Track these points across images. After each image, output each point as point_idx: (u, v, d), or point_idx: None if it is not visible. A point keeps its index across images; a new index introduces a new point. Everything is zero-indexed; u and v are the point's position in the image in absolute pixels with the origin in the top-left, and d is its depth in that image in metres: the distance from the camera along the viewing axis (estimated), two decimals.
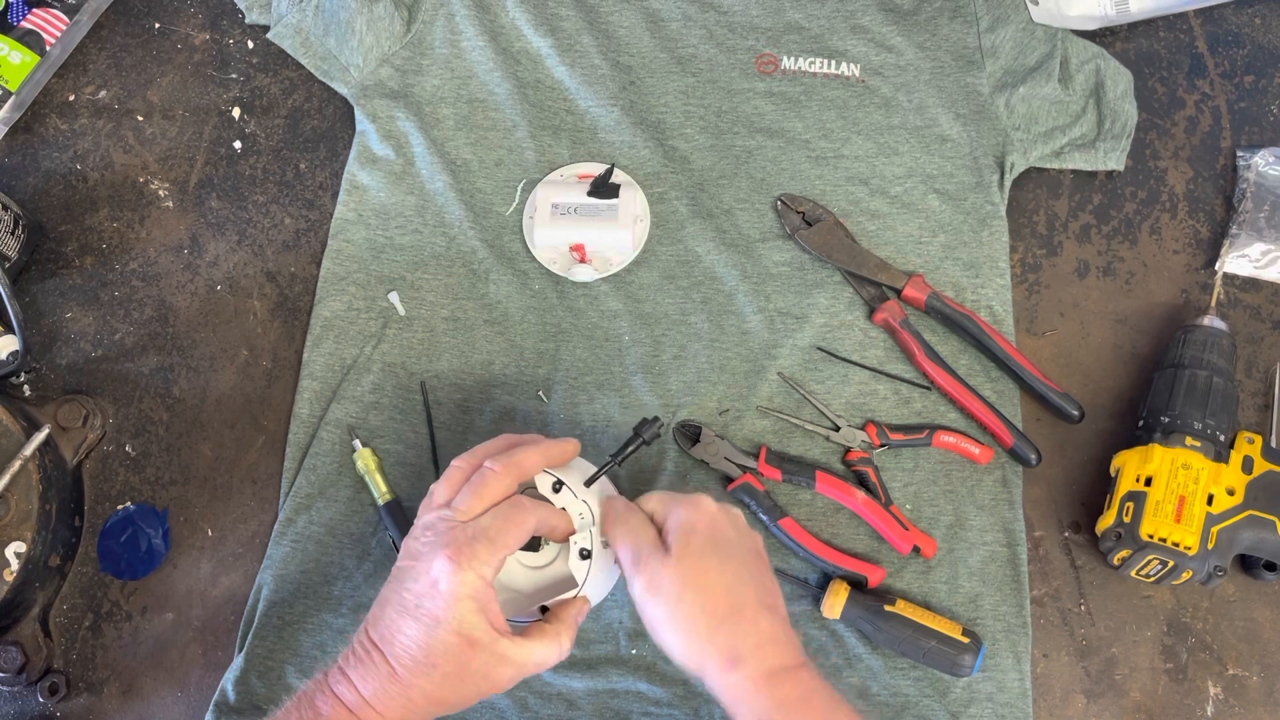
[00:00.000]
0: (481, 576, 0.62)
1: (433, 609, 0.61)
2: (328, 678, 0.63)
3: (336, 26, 0.94)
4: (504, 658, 0.63)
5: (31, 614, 0.83)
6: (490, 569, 0.62)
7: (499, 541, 0.63)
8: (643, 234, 0.91)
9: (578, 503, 0.71)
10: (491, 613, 0.63)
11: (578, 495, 0.70)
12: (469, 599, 0.61)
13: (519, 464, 0.68)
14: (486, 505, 0.65)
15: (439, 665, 0.61)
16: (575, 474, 0.72)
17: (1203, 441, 0.81)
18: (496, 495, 0.66)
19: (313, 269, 0.92)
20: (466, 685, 0.62)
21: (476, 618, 0.62)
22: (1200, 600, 0.84)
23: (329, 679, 0.63)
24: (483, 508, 0.65)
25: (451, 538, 0.63)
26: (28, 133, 0.97)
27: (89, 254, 0.94)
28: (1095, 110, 0.94)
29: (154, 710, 0.83)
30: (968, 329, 0.87)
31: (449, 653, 0.61)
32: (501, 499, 0.66)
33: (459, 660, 0.61)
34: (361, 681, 0.62)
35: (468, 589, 0.61)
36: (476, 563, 0.62)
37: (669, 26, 0.97)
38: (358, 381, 0.87)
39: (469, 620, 0.61)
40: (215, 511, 0.87)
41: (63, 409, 0.87)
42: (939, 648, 0.78)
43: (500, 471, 0.66)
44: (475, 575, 0.62)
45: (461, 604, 0.61)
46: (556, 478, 0.71)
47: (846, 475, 0.84)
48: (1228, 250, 0.91)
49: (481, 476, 0.66)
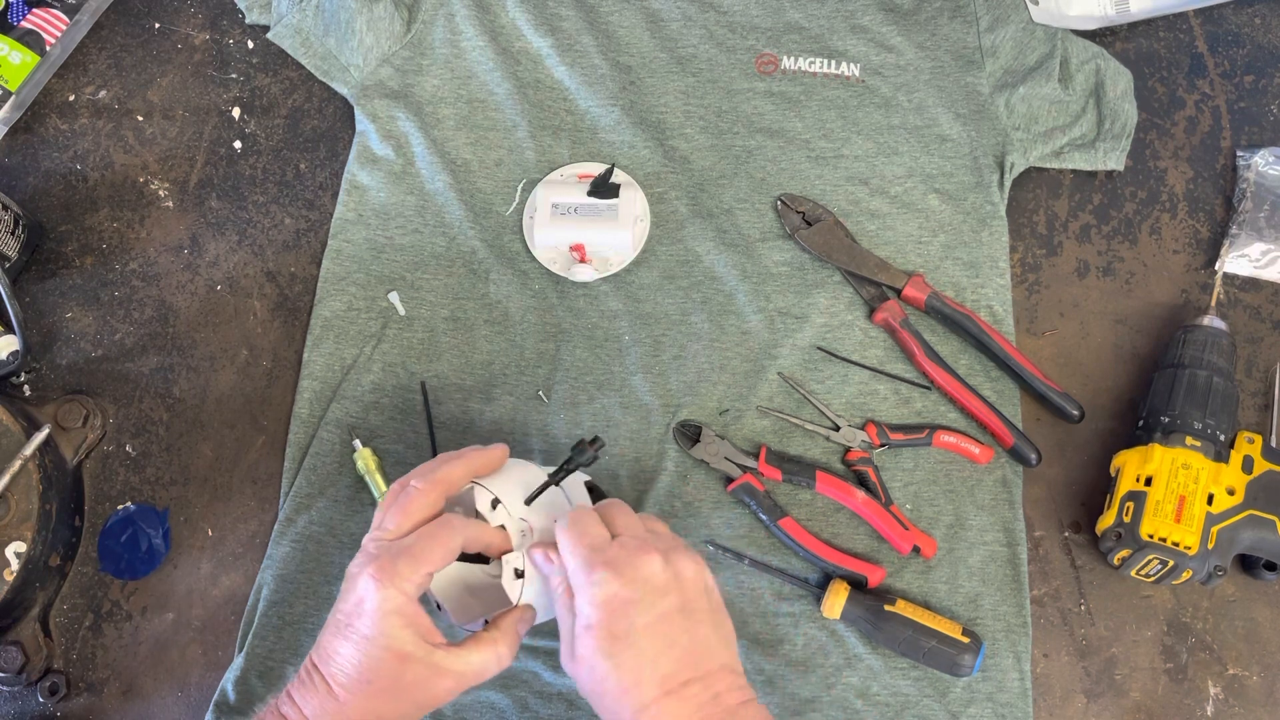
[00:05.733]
0: (404, 592, 0.63)
1: (361, 627, 0.63)
2: (278, 703, 0.65)
3: (336, 26, 0.94)
4: (439, 668, 0.63)
5: (31, 614, 0.83)
6: (413, 585, 0.63)
7: (422, 558, 0.64)
8: (643, 234, 0.91)
9: (515, 520, 0.69)
10: (421, 626, 0.63)
11: (513, 513, 0.69)
12: (394, 614, 0.62)
13: (443, 479, 0.68)
14: (414, 523, 0.66)
15: (373, 681, 0.62)
16: (518, 491, 0.70)
17: (1203, 441, 0.81)
18: (422, 512, 0.67)
19: (313, 269, 0.92)
20: (403, 699, 0.63)
21: (405, 632, 0.62)
22: (1200, 600, 0.84)
23: (279, 703, 0.65)
24: (410, 525, 0.66)
25: (375, 556, 0.64)
26: (28, 133, 0.97)
27: (89, 254, 0.94)
28: (1095, 110, 0.94)
29: (154, 710, 0.83)
30: (968, 329, 0.87)
31: (381, 668, 0.62)
32: (428, 516, 0.67)
33: (392, 675, 0.62)
34: (304, 703, 0.63)
35: (391, 604, 0.62)
36: (399, 579, 0.63)
37: (669, 26, 0.97)
38: (358, 381, 0.87)
39: (398, 635, 0.62)
40: (215, 511, 0.87)
41: (63, 409, 0.87)
42: (939, 648, 0.78)
43: (424, 488, 0.67)
44: (397, 591, 0.62)
45: (388, 620, 0.62)
46: (494, 495, 0.70)
47: (846, 475, 0.84)
48: (1228, 250, 0.91)
49: (407, 495, 0.67)
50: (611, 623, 0.62)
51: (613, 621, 0.62)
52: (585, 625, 0.63)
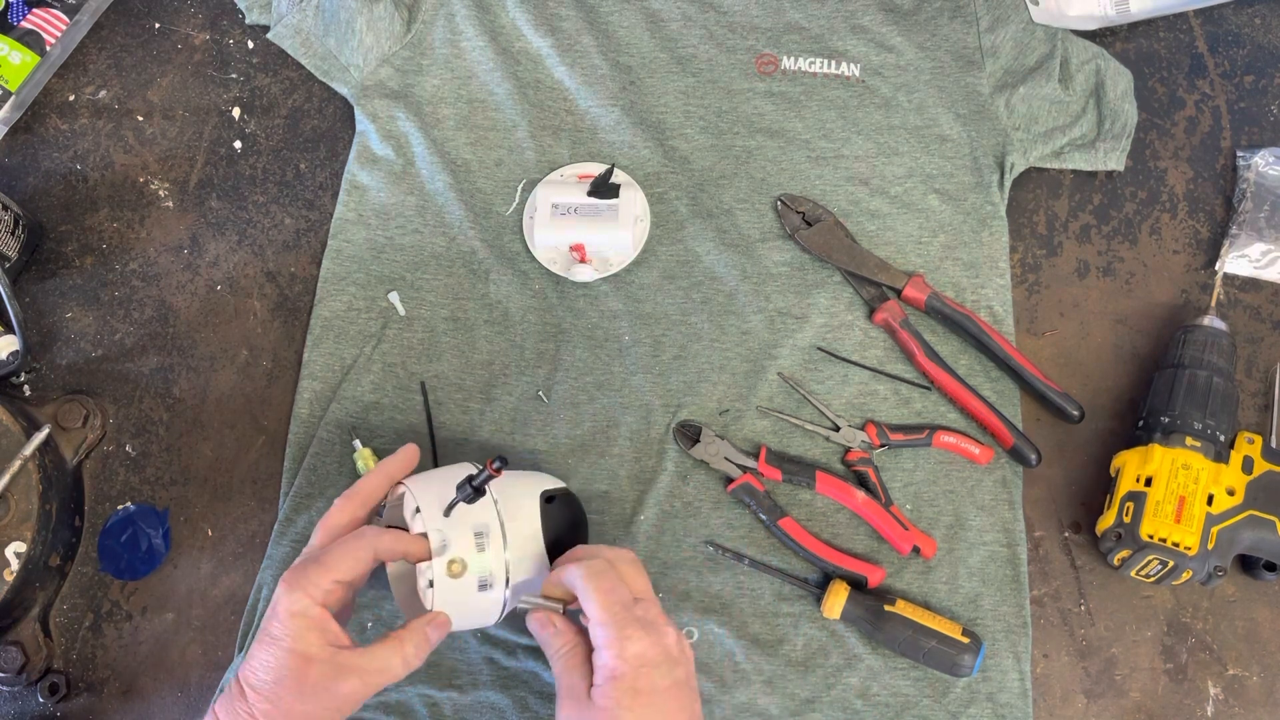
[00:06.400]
0: (310, 596, 0.66)
1: (274, 630, 0.66)
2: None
3: (336, 26, 0.94)
4: (343, 667, 0.66)
5: (31, 614, 0.83)
6: (320, 590, 0.66)
7: (331, 566, 0.67)
8: (643, 234, 0.91)
9: (432, 531, 0.70)
10: (328, 630, 0.66)
11: (428, 524, 0.70)
12: (300, 616, 0.65)
13: (357, 492, 0.73)
14: (331, 536, 0.71)
15: (282, 682, 0.65)
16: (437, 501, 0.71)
17: (1203, 441, 0.81)
18: (339, 525, 0.71)
19: (313, 269, 0.92)
20: (308, 700, 0.65)
21: (310, 634, 0.65)
22: (1200, 600, 0.84)
23: None
24: (329, 538, 0.70)
25: (291, 567, 0.68)
26: (28, 133, 0.97)
27: (89, 254, 0.94)
28: (1095, 110, 0.94)
29: (154, 710, 0.83)
30: (968, 329, 0.87)
31: (287, 669, 0.65)
32: (347, 528, 0.71)
33: (297, 676, 0.65)
34: (223, 712, 0.66)
35: (298, 607, 0.66)
36: (307, 584, 0.66)
37: (669, 26, 0.97)
38: (358, 381, 0.87)
39: (303, 637, 0.65)
40: (215, 511, 0.87)
41: (63, 409, 0.87)
42: (939, 648, 0.78)
43: (339, 504, 0.72)
44: (303, 594, 0.66)
45: (294, 621, 0.65)
46: (417, 504, 0.71)
47: (846, 475, 0.84)
48: (1228, 250, 0.91)
49: (326, 513, 0.72)
50: (637, 678, 0.65)
51: (638, 677, 0.65)
52: (611, 676, 0.65)
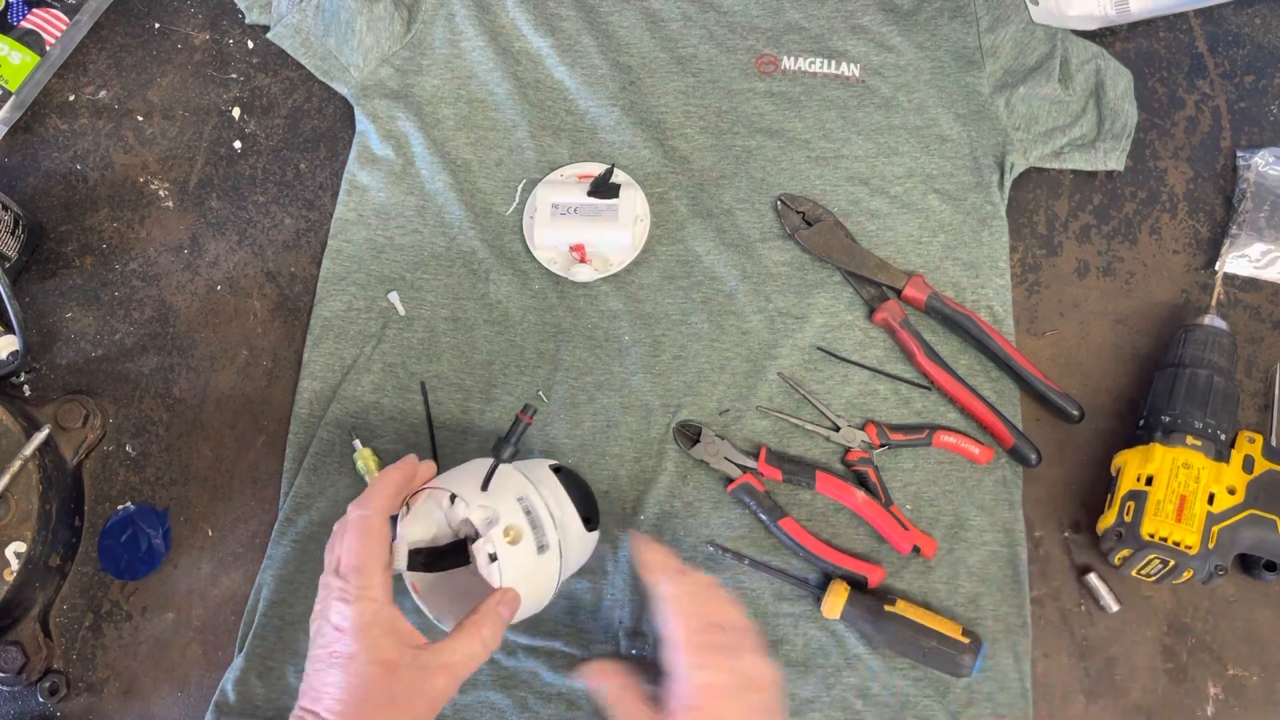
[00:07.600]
0: (374, 599, 0.63)
1: (344, 650, 0.62)
2: None
3: (336, 26, 0.95)
4: (428, 667, 0.63)
5: (31, 614, 0.83)
6: (379, 590, 0.64)
7: (368, 566, 0.64)
8: (643, 234, 0.91)
9: (476, 509, 0.70)
10: (402, 631, 0.64)
11: (471, 503, 0.70)
12: (373, 625, 0.63)
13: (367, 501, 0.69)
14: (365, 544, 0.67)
15: (369, 699, 0.61)
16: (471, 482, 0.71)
17: (1203, 441, 0.81)
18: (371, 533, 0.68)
19: (313, 269, 0.92)
20: (402, 709, 0.62)
21: (387, 640, 0.63)
22: (1200, 600, 0.84)
23: None
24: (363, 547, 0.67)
25: (332, 585, 0.65)
26: (28, 133, 0.97)
27: (89, 254, 0.94)
28: (1095, 110, 0.94)
29: (154, 710, 0.83)
30: (968, 329, 0.87)
31: (372, 684, 0.61)
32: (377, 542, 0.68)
33: (385, 687, 0.62)
34: None
35: (368, 617, 0.63)
36: (365, 591, 0.63)
37: (669, 26, 0.97)
38: (358, 381, 0.87)
39: (380, 644, 0.62)
40: (215, 511, 0.87)
41: (63, 409, 0.87)
42: (939, 648, 0.78)
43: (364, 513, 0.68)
44: (369, 602, 0.63)
45: (368, 632, 0.62)
46: (450, 492, 0.70)
47: (846, 475, 0.84)
48: (1228, 250, 0.91)
49: (341, 528, 0.68)
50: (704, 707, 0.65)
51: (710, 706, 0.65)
52: (687, 706, 0.65)
